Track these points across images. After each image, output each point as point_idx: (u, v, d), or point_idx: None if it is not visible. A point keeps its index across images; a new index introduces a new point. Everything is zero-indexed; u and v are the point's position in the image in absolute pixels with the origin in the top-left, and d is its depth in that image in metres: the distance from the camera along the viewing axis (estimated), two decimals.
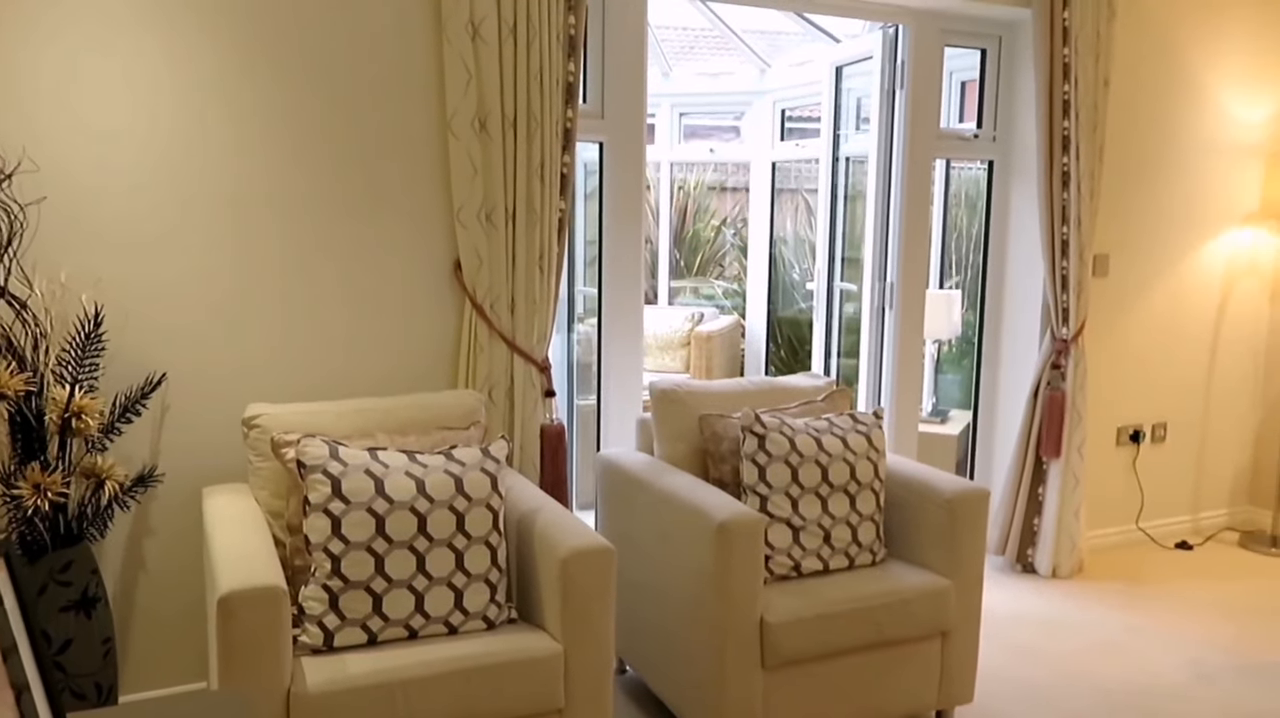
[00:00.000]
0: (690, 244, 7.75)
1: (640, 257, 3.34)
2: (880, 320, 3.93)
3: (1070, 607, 3.61)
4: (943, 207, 4.80)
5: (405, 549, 2.15)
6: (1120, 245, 4.06)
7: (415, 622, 2.16)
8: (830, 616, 2.46)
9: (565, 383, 3.92)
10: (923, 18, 3.68)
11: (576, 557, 2.14)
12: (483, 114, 2.77)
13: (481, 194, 2.80)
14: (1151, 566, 4.05)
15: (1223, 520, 4.55)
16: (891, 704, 2.61)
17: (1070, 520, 3.85)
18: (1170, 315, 4.24)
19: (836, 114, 4.31)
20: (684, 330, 6.05)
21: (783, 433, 2.63)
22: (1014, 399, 4.04)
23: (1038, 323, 3.93)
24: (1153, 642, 3.33)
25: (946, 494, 2.65)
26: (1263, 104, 4.28)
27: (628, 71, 3.20)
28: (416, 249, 2.85)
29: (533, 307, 2.88)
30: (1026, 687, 3.01)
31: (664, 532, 2.59)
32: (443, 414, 2.57)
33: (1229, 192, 4.27)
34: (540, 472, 2.93)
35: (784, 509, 2.60)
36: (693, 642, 2.47)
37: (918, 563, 2.73)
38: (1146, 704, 2.91)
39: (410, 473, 2.20)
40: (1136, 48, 3.95)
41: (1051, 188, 3.65)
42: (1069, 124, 3.60)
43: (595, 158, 3.27)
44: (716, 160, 7.36)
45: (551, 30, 2.79)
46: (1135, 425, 4.25)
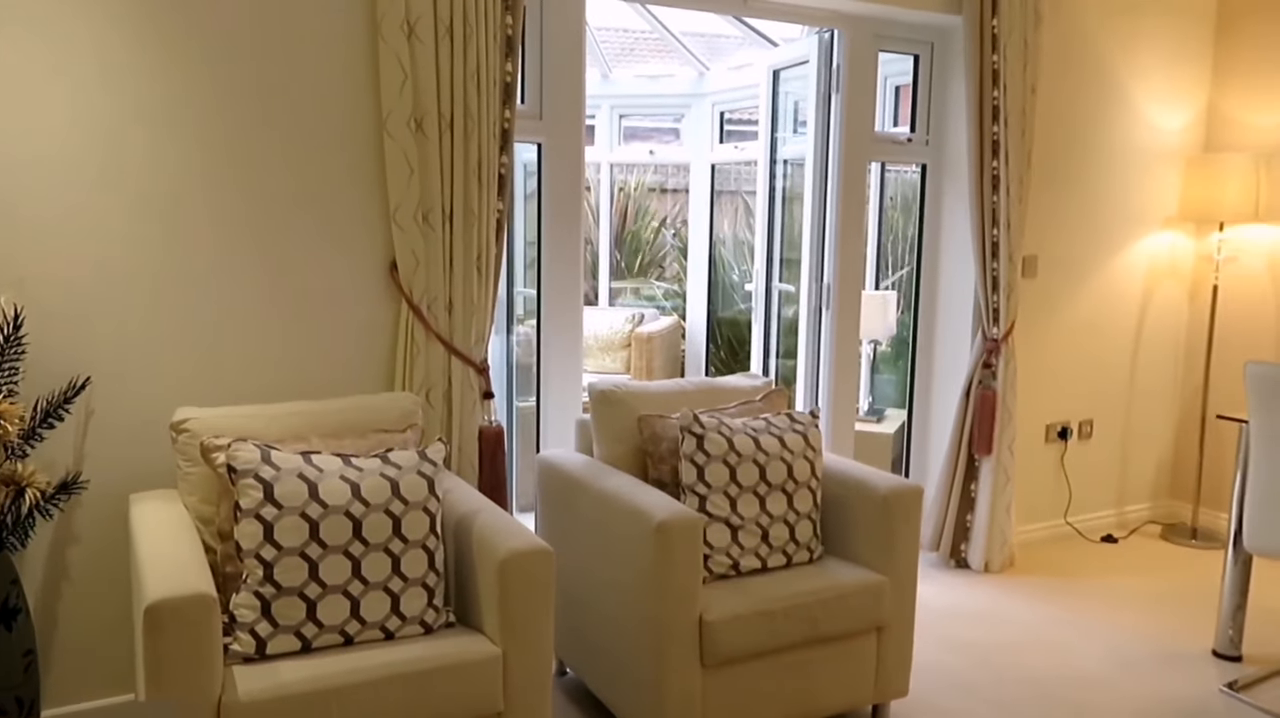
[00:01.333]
0: (631, 245, 7.77)
1: (580, 258, 3.33)
2: (817, 321, 3.98)
3: (1001, 600, 3.70)
4: (878, 209, 4.88)
5: (340, 554, 2.12)
6: (1048, 247, 4.17)
7: (351, 628, 2.13)
8: (768, 613, 2.49)
9: (505, 385, 3.90)
10: (857, 23, 3.74)
11: (515, 559, 2.13)
12: (419, 114, 2.74)
13: (418, 195, 2.77)
14: (1079, 559, 4.17)
15: (1146, 514, 4.70)
16: (829, 699, 2.65)
17: (1001, 516, 3.94)
18: (1095, 315, 4.36)
19: (774, 117, 4.35)
20: (624, 331, 6.06)
21: (721, 433, 2.65)
22: (947, 398, 4.12)
23: (969, 323, 4.01)
24: (1079, 633, 3.43)
25: (881, 492, 2.70)
26: (1180, 112, 4.42)
27: (566, 72, 3.19)
28: (352, 250, 2.81)
29: (470, 308, 2.86)
30: (959, 679, 3.07)
31: (603, 532, 2.59)
32: (379, 417, 2.54)
33: (1150, 196, 4.41)
34: (479, 474, 2.91)
35: (722, 508, 2.62)
36: (632, 642, 2.48)
37: (854, 560, 2.77)
38: (1073, 694, 3.00)
39: (345, 477, 2.17)
40: (1063, 56, 4.06)
41: (982, 191, 3.73)
42: (998, 129, 3.68)
43: (535, 159, 3.26)
44: (656, 162, 7.38)
45: (488, 30, 2.77)
46: (1063, 423, 4.36)
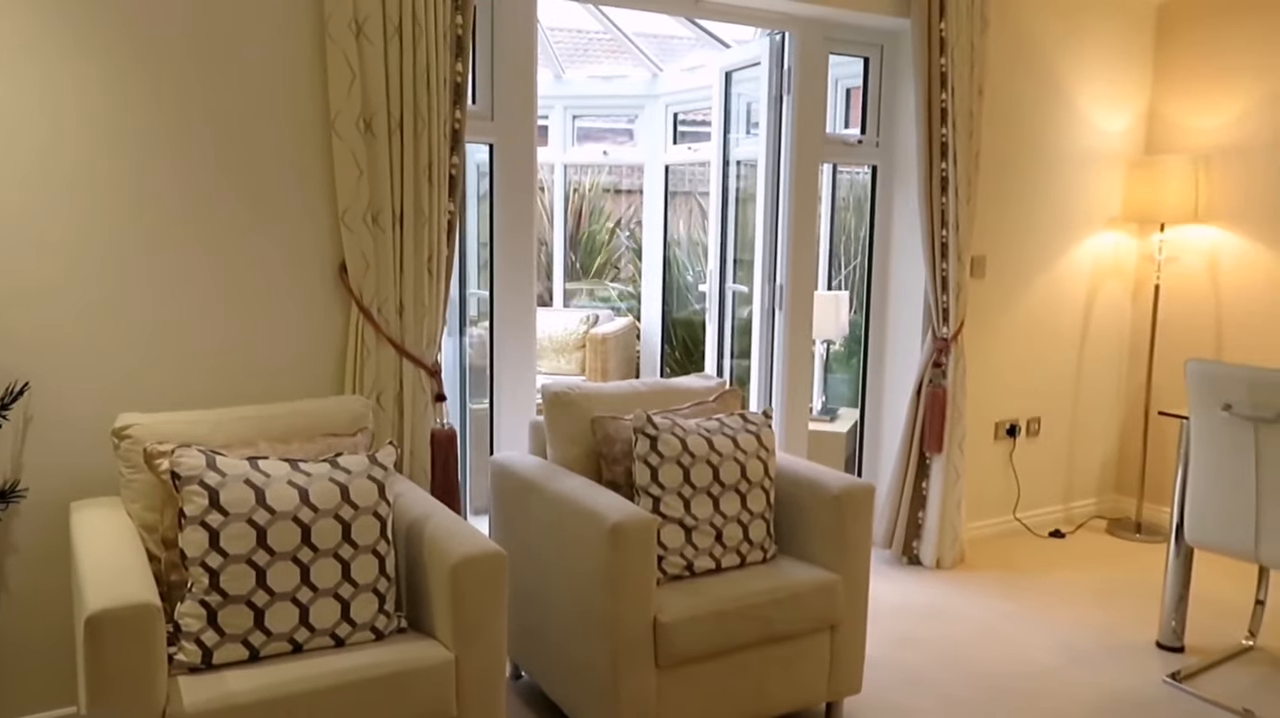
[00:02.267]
0: (585, 246, 7.76)
1: (532, 259, 3.32)
2: (771, 321, 4.01)
3: (953, 596, 3.75)
4: (830, 210, 4.92)
5: (288, 561, 2.09)
6: (996, 248, 4.24)
7: (300, 635, 2.10)
8: (722, 613, 2.49)
9: (458, 387, 3.87)
10: (808, 26, 3.77)
11: (467, 563, 2.11)
12: (368, 114, 2.71)
13: (367, 196, 2.74)
14: (1027, 554, 4.24)
15: (1092, 509, 4.79)
16: (783, 698, 2.66)
17: (952, 513, 3.99)
18: (1042, 314, 4.44)
19: (726, 118, 4.37)
20: (579, 333, 6.05)
21: (675, 434, 2.66)
22: (899, 397, 4.17)
23: (920, 323, 4.06)
24: (1029, 627, 3.48)
25: (834, 491, 2.72)
26: (1122, 115, 4.52)
27: (518, 73, 3.18)
28: (300, 252, 2.77)
29: (422, 310, 2.83)
30: (912, 675, 3.11)
31: (557, 535, 2.58)
32: (328, 421, 2.50)
33: (1094, 197, 4.50)
34: (431, 478, 2.89)
35: (676, 509, 2.62)
36: (587, 644, 2.47)
37: (807, 559, 2.79)
38: (1023, 687, 3.04)
39: (293, 482, 2.13)
40: (1009, 60, 4.12)
41: (931, 192, 3.78)
42: (947, 131, 3.73)
43: (487, 159, 3.23)
44: (610, 163, 7.38)
45: (438, 30, 2.75)
46: (1011, 420, 4.44)
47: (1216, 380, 2.91)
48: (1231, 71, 4.29)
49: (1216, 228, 4.38)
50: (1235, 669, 3.18)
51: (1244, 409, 2.85)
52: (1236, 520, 2.94)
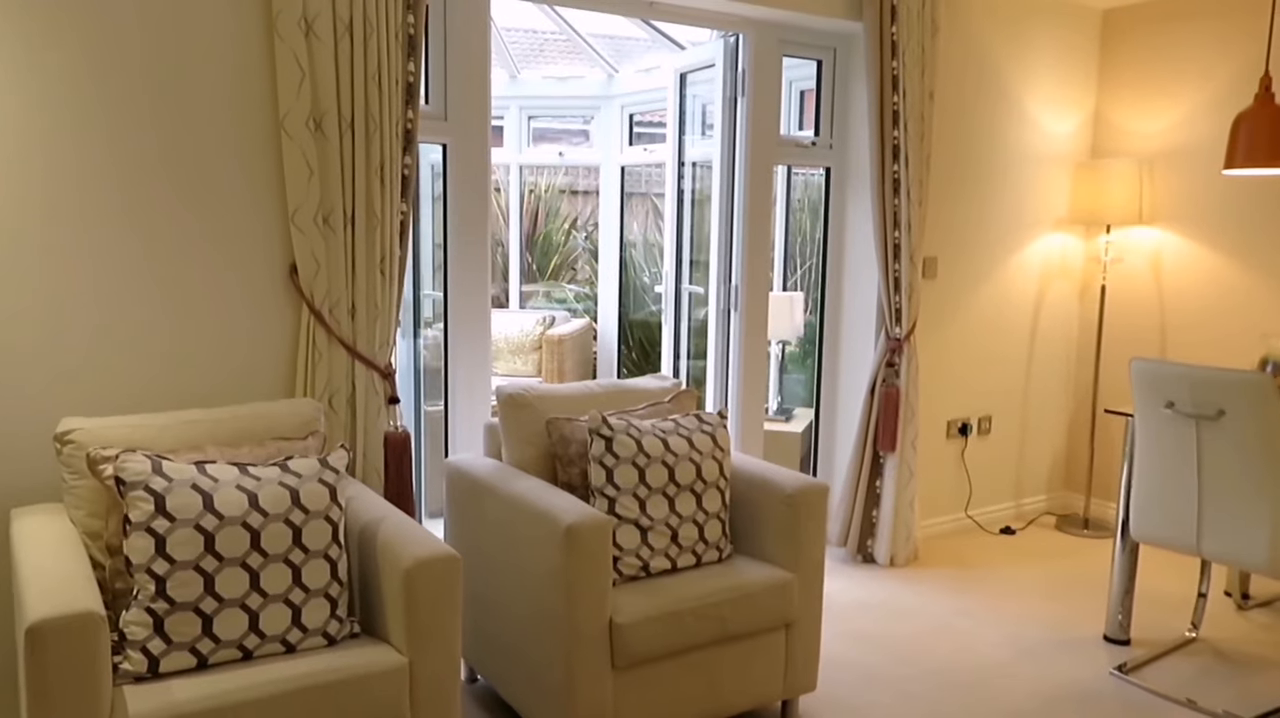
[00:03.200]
0: (542, 247, 7.73)
1: (487, 260, 3.30)
2: (726, 322, 4.02)
3: (906, 593, 3.79)
4: (785, 211, 4.96)
5: (237, 567, 2.05)
6: (947, 249, 4.30)
7: (249, 642, 2.06)
8: (678, 613, 2.50)
9: (412, 389, 3.84)
10: (762, 28, 3.79)
11: (420, 567, 2.09)
12: (318, 114, 2.68)
13: (318, 196, 2.71)
14: (979, 551, 4.30)
15: (1042, 506, 4.88)
16: (739, 697, 2.68)
17: (906, 511, 4.04)
18: (993, 314, 4.51)
19: (682, 120, 4.39)
20: (535, 334, 6.03)
21: (630, 435, 2.66)
22: (853, 397, 4.21)
23: (873, 323, 4.10)
24: (981, 622, 3.54)
25: (788, 490, 2.73)
26: (1069, 119, 4.61)
27: (471, 73, 3.16)
28: (250, 253, 2.73)
29: (374, 311, 2.80)
30: (866, 671, 3.14)
31: (512, 537, 2.57)
32: (278, 424, 2.47)
33: (1042, 199, 4.58)
34: (384, 481, 2.86)
35: (632, 510, 2.62)
36: (543, 647, 2.47)
37: (762, 558, 2.81)
38: (974, 681, 3.09)
39: (242, 486, 2.10)
40: (959, 63, 4.19)
41: (883, 194, 3.83)
42: (898, 133, 3.78)
43: (441, 160, 3.21)
44: (566, 164, 7.36)
45: (389, 29, 2.72)
46: (963, 419, 4.50)
47: (1159, 379, 2.98)
48: (1173, 77, 4.40)
49: (1160, 229, 4.49)
50: (1179, 661, 3.26)
51: (1186, 407, 2.92)
52: (1179, 516, 3.01)
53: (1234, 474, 2.86)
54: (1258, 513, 2.82)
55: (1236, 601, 3.74)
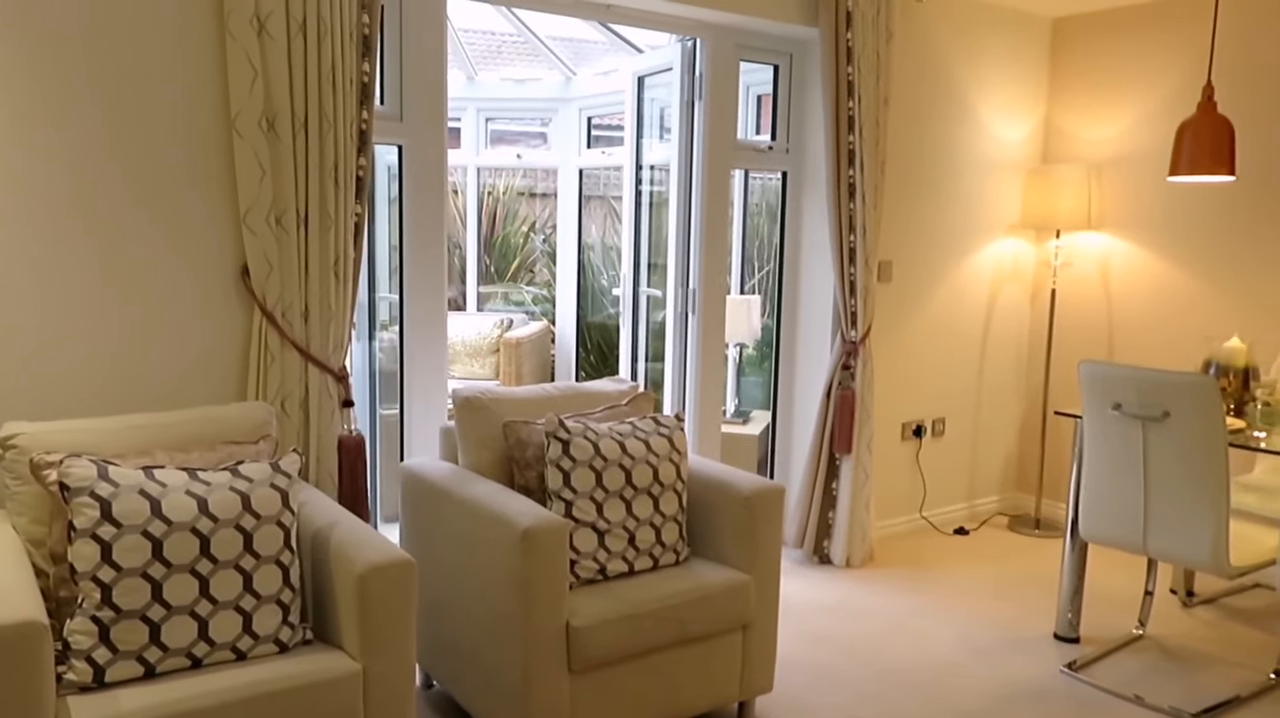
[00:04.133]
0: (500, 250, 7.70)
1: (443, 262, 3.28)
2: (684, 325, 4.04)
3: (862, 594, 3.83)
4: (743, 215, 4.98)
5: (186, 573, 2.02)
6: (901, 253, 4.35)
7: (199, 650, 2.03)
8: (635, 616, 2.50)
9: (368, 392, 3.80)
10: (719, 32, 3.81)
11: (374, 572, 2.07)
12: (270, 113, 2.64)
13: (271, 197, 2.67)
14: (933, 551, 4.35)
15: (995, 506, 4.95)
16: (696, 699, 2.68)
17: (861, 512, 4.08)
18: (946, 318, 4.57)
19: (639, 123, 4.39)
20: (493, 337, 6.00)
21: (586, 438, 2.65)
22: (809, 399, 4.24)
23: (829, 326, 4.14)
24: (934, 622, 3.58)
25: (745, 492, 2.75)
26: (1020, 125, 4.69)
27: (427, 74, 3.14)
28: (200, 254, 2.68)
29: (328, 314, 2.77)
30: (822, 672, 3.16)
31: (468, 541, 2.55)
32: (229, 428, 2.43)
33: (995, 204, 4.65)
34: (339, 485, 2.83)
35: (589, 513, 2.62)
36: (499, 651, 2.45)
37: (719, 560, 2.82)
38: (928, 679, 3.13)
39: (191, 492, 2.07)
40: (913, 70, 4.24)
41: (839, 198, 3.86)
42: (854, 138, 3.82)
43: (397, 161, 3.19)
44: (525, 166, 7.34)
45: (344, 28, 2.70)
46: (918, 421, 4.55)
47: (1107, 381, 3.04)
48: (1120, 86, 4.49)
49: (1108, 234, 4.58)
50: (1127, 658, 3.32)
51: (1132, 408, 2.98)
52: (1126, 515, 3.07)
53: (1178, 474, 2.92)
54: (1201, 512, 2.89)
55: (1182, 598, 3.83)
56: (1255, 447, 3.00)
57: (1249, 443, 3.02)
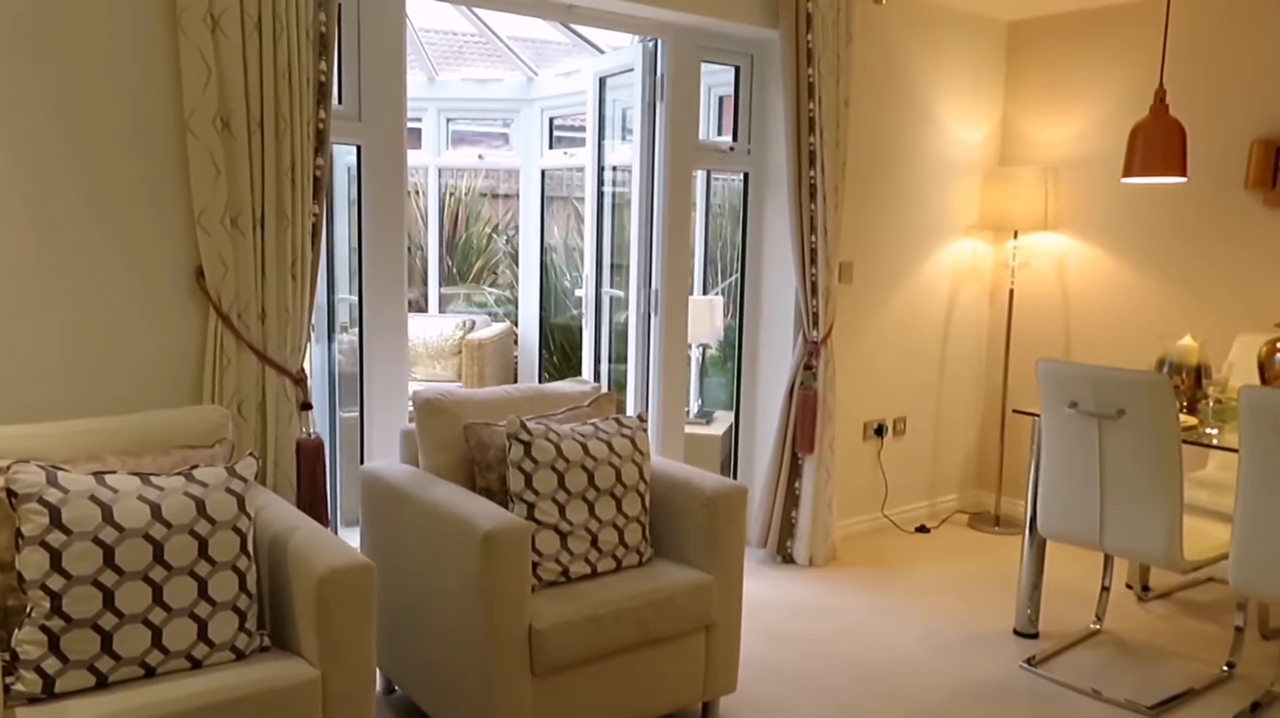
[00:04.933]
0: (462, 251, 7.65)
1: (403, 263, 3.25)
2: (646, 326, 4.03)
3: (825, 593, 3.85)
4: (705, 216, 4.99)
5: (139, 580, 1.98)
6: (862, 254, 4.38)
7: (152, 658, 1.99)
8: (598, 618, 2.49)
9: (327, 395, 3.76)
10: (680, 33, 3.81)
11: (332, 576, 2.04)
12: (225, 112, 2.60)
13: (226, 197, 2.63)
14: (895, 549, 4.39)
15: (955, 504, 5.00)
16: (660, 700, 2.68)
17: (824, 512, 4.10)
18: (906, 318, 4.61)
19: (601, 124, 4.39)
20: (455, 338, 5.96)
21: (548, 439, 2.64)
22: (772, 399, 4.26)
23: (791, 326, 4.16)
24: (896, 620, 3.61)
25: (708, 493, 2.75)
26: (978, 127, 4.74)
27: (386, 73, 3.11)
28: (153, 255, 2.63)
29: (285, 316, 2.73)
30: (785, 671, 3.17)
31: (430, 545, 2.53)
32: (183, 432, 2.39)
33: (954, 205, 4.70)
34: (297, 490, 2.79)
35: (551, 515, 2.60)
36: (461, 655, 2.43)
37: (682, 561, 2.81)
38: (889, 677, 3.15)
39: (144, 497, 2.03)
40: (873, 72, 4.27)
41: (801, 199, 3.88)
42: (815, 140, 3.84)
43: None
44: (487, 167, 7.30)
45: (300, 26, 2.66)
46: (879, 420, 4.59)
47: (1063, 379, 3.08)
48: (1073, 89, 4.56)
49: (1064, 235, 4.64)
50: (1084, 652, 3.37)
51: (1089, 406, 3.02)
52: (1083, 512, 3.11)
53: (1133, 471, 2.97)
54: (1155, 508, 2.94)
55: (1137, 593, 3.89)
56: (1208, 443, 3.06)
57: (1201, 440, 3.07)
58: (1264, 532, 2.70)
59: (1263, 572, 2.72)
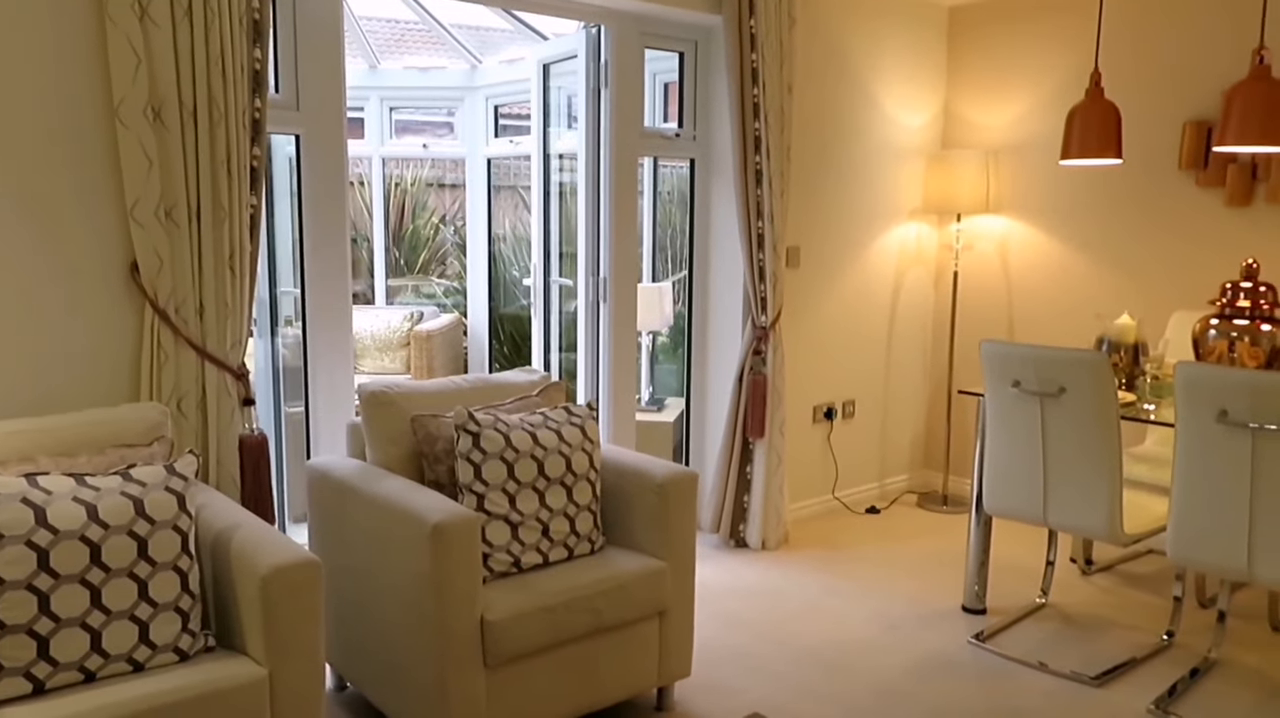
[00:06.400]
0: (410, 242, 7.56)
1: (346, 255, 3.20)
2: (595, 314, 4.02)
3: (777, 576, 3.88)
4: (653, 203, 4.98)
5: (76, 584, 1.93)
6: (809, 238, 4.41)
7: (92, 663, 1.94)
8: (551, 608, 2.48)
9: (271, 390, 3.69)
10: (623, 19, 3.79)
11: (277, 573, 2.01)
12: (156, 102, 2.53)
13: (159, 189, 2.56)
14: (846, 531, 4.44)
15: (904, 485, 5.07)
16: (615, 687, 2.68)
17: (775, 496, 4.13)
18: (854, 302, 4.65)
19: (546, 111, 4.35)
20: (403, 330, 5.89)
21: (497, 429, 2.62)
22: (722, 385, 4.27)
23: (740, 312, 4.17)
24: (848, 601, 3.65)
25: (658, 479, 2.75)
26: (921, 112, 4.79)
27: (323, 61, 3.05)
28: (84, 249, 2.56)
29: (225, 310, 2.68)
30: (739, 654, 3.19)
31: (378, 539, 2.50)
32: (120, 431, 2.33)
33: (898, 189, 4.75)
34: (241, 487, 2.74)
35: (501, 506, 2.59)
36: (413, 649, 2.41)
37: (635, 548, 2.82)
38: (842, 657, 3.18)
39: (79, 498, 1.97)
40: (817, 57, 4.29)
41: (746, 185, 3.89)
42: (759, 125, 3.85)
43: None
44: (433, 156, 7.22)
45: (233, 14, 2.60)
46: (829, 403, 4.63)
47: (1006, 359, 3.13)
48: (1012, 73, 4.62)
49: (1006, 218, 4.72)
50: (1031, 626, 3.44)
51: (1031, 386, 3.08)
52: (1027, 489, 3.17)
53: (1074, 448, 3.03)
54: (1096, 484, 3.00)
55: (1081, 567, 3.98)
56: (1146, 419, 3.13)
57: (1140, 415, 3.15)
58: (1199, 504, 2.77)
59: (1198, 543, 2.79)
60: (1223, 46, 3.96)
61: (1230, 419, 2.66)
